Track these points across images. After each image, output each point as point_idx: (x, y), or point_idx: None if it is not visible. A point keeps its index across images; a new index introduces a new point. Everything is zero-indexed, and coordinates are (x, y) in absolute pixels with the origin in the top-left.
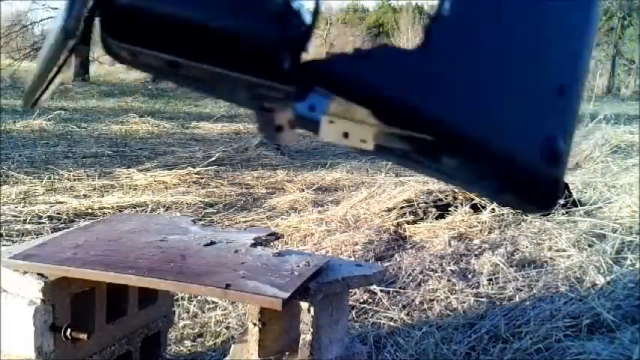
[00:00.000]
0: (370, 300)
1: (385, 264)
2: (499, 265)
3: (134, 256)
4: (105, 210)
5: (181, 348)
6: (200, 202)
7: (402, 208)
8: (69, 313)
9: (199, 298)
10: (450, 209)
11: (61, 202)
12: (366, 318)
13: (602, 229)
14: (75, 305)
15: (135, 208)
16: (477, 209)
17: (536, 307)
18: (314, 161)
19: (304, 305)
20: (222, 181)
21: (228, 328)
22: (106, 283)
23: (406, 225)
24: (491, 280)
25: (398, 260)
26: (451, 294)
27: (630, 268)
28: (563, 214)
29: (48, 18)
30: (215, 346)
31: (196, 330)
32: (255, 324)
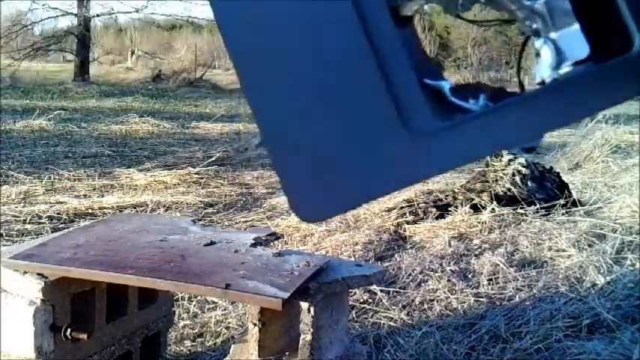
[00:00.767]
0: (370, 300)
1: (385, 264)
2: (499, 265)
3: (134, 256)
4: (105, 210)
5: (181, 348)
6: (200, 202)
7: (402, 208)
8: (69, 313)
9: (199, 298)
10: (450, 209)
11: (61, 202)
12: (366, 318)
13: (602, 229)
14: (75, 305)
15: (135, 208)
16: (476, 209)
17: (536, 307)
18: None
19: (304, 305)
20: (222, 181)
21: (228, 328)
22: (106, 283)
23: (406, 225)
24: (491, 280)
25: (398, 260)
26: (451, 294)
27: (630, 268)
28: (563, 214)
29: (48, 18)
30: (215, 346)
31: (196, 330)
32: (255, 324)
